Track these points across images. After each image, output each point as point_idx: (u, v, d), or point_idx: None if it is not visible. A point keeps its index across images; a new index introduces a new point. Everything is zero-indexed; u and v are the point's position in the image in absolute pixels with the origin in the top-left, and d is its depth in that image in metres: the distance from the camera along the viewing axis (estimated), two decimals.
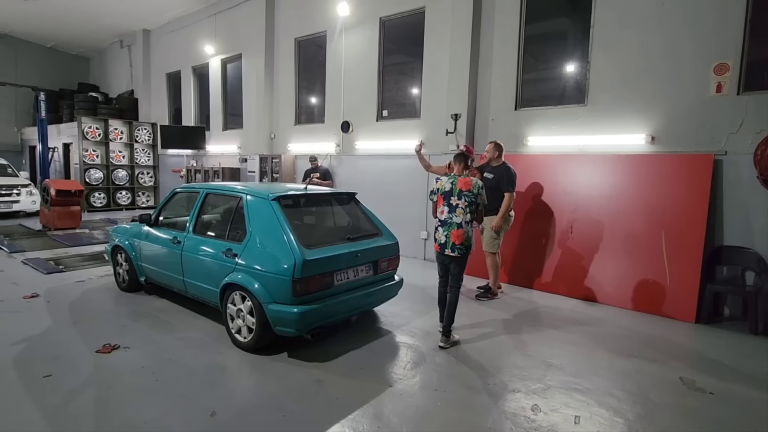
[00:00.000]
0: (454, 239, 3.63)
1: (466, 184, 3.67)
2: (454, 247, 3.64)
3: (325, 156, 8.42)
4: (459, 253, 3.64)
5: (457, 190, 3.67)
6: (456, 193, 3.67)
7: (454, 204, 3.67)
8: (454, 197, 3.67)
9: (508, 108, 6.17)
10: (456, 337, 3.80)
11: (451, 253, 3.66)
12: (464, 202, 3.64)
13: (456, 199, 3.66)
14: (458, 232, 3.62)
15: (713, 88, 4.60)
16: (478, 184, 3.70)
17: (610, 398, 2.92)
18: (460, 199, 3.65)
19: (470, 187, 3.66)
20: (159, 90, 13.10)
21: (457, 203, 3.65)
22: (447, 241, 3.66)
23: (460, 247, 3.63)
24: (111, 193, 12.14)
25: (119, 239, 4.89)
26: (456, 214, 3.65)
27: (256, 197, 3.68)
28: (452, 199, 3.67)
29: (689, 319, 4.42)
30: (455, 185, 3.69)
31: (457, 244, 3.62)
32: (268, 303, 3.22)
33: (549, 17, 6.17)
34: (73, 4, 11.35)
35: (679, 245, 4.60)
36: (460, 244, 3.62)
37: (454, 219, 3.66)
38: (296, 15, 8.96)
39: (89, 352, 3.35)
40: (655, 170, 4.84)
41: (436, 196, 3.82)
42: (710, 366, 3.47)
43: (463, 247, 3.64)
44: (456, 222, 3.64)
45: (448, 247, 3.66)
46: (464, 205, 3.64)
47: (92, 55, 16.43)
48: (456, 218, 3.65)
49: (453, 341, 3.73)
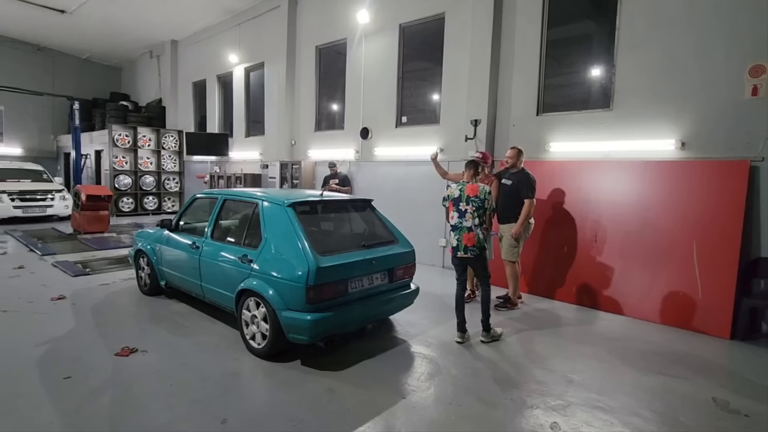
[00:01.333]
0: (465, 242, 3.85)
1: (473, 190, 3.88)
2: (467, 249, 3.85)
3: (344, 162, 8.45)
4: (472, 254, 3.85)
5: (465, 196, 3.88)
6: (464, 199, 3.88)
7: (463, 209, 3.88)
8: (463, 203, 3.88)
9: (530, 113, 6.04)
10: (498, 331, 4.00)
11: (464, 255, 3.88)
12: (472, 207, 3.84)
13: (464, 205, 3.87)
14: (469, 235, 3.84)
15: (749, 90, 4.37)
16: (485, 190, 3.89)
17: (635, 418, 2.76)
18: (468, 204, 3.86)
19: (477, 192, 3.86)
20: (185, 98, 13.50)
21: (465, 208, 3.87)
22: (459, 244, 3.89)
23: (472, 249, 3.84)
24: (138, 198, 12.52)
25: (142, 244, 5.00)
26: (465, 218, 3.86)
27: (272, 203, 3.69)
28: (461, 204, 3.89)
29: (723, 335, 4.18)
30: (463, 191, 3.91)
31: (470, 246, 3.84)
32: (282, 310, 3.21)
33: (572, 20, 6.02)
34: (108, 18, 11.84)
35: (713, 256, 4.36)
36: (472, 246, 3.84)
37: (464, 223, 3.87)
38: (317, 23, 9.07)
39: (109, 355, 3.41)
40: (686, 177, 4.62)
41: (447, 202, 4.05)
42: (746, 386, 3.25)
43: (475, 249, 3.84)
44: (466, 226, 3.86)
45: (461, 250, 3.88)
46: (472, 210, 3.84)
47: (123, 65, 17.10)
48: (466, 222, 3.86)
49: (494, 335, 3.94)
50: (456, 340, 3.90)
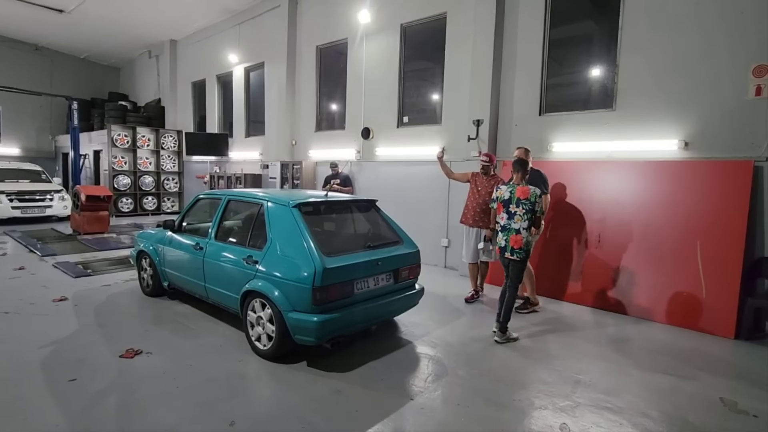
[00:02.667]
0: (512, 244, 3.92)
1: (524, 193, 3.94)
2: (513, 251, 3.92)
3: (346, 162, 8.43)
4: (518, 256, 3.92)
5: (515, 198, 3.95)
6: (514, 201, 3.94)
7: (512, 211, 3.95)
8: (513, 205, 3.95)
9: (532, 113, 6.03)
10: (514, 335, 3.99)
11: (510, 257, 3.94)
12: (522, 210, 3.91)
13: (514, 207, 3.95)
14: (517, 237, 3.91)
15: (752, 90, 4.38)
16: (536, 193, 3.94)
17: (644, 419, 2.76)
18: (518, 206, 3.93)
19: (528, 195, 3.93)
20: (185, 98, 13.45)
21: (515, 210, 3.94)
22: (507, 245, 3.96)
23: (519, 251, 3.91)
24: (138, 199, 12.48)
25: (144, 244, 4.97)
26: (514, 220, 3.93)
27: (277, 204, 3.67)
28: (511, 206, 3.96)
29: (728, 334, 4.18)
30: (513, 194, 3.97)
31: (516, 249, 3.91)
32: (288, 311, 3.19)
33: (574, 20, 6.02)
34: (106, 17, 11.78)
35: (716, 256, 4.36)
36: (519, 249, 3.90)
37: (512, 225, 3.95)
38: (318, 23, 9.05)
39: (113, 357, 3.39)
40: (689, 177, 4.62)
41: (496, 204, 4.10)
42: (753, 386, 3.25)
43: (522, 251, 3.91)
44: (514, 228, 3.93)
45: (508, 251, 3.95)
46: (522, 212, 3.91)
47: (122, 65, 17.02)
48: (514, 224, 3.93)
49: (509, 337, 3.94)
50: (495, 339, 3.94)
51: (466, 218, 5.16)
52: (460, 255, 5.47)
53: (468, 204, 5.18)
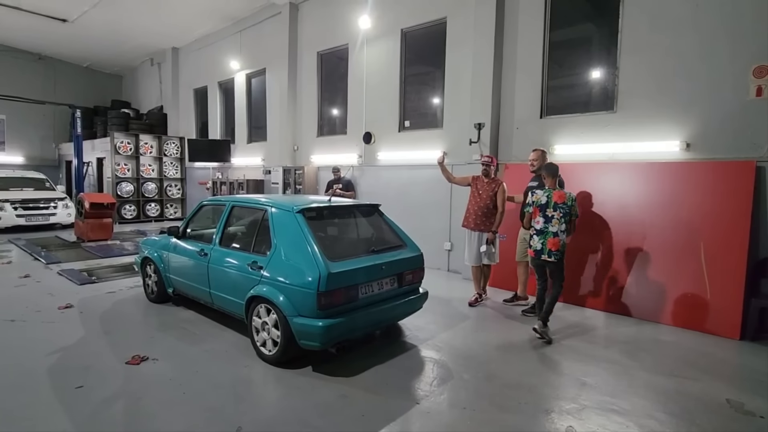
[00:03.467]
0: (550, 246, 4.06)
1: (560, 197, 4.09)
2: (551, 253, 4.06)
3: (348, 167, 8.46)
4: (555, 258, 4.07)
5: (552, 202, 4.08)
6: (551, 206, 4.07)
7: (549, 215, 4.08)
8: (550, 209, 4.08)
9: (534, 116, 6.05)
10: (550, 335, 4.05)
11: (548, 259, 4.09)
12: (559, 213, 4.06)
13: (551, 211, 4.07)
14: (554, 240, 4.06)
15: (753, 91, 4.39)
16: (572, 197, 4.12)
17: (650, 421, 2.75)
18: (555, 210, 4.07)
19: (564, 199, 4.08)
20: (187, 105, 13.53)
21: (552, 214, 4.07)
22: (543, 248, 4.09)
23: (556, 252, 4.05)
24: (141, 206, 12.53)
25: (148, 251, 5.00)
26: (552, 224, 4.07)
27: (281, 210, 3.70)
28: (548, 210, 4.08)
29: (733, 335, 4.17)
30: (551, 198, 4.09)
31: (554, 251, 4.05)
32: (293, 316, 3.20)
33: (574, 23, 6.06)
34: (108, 26, 11.89)
35: (720, 257, 4.36)
36: (556, 250, 4.05)
37: (549, 228, 4.08)
38: (318, 29, 9.12)
39: (119, 363, 3.41)
40: (692, 178, 4.63)
41: (532, 208, 4.19)
42: (759, 387, 3.24)
43: (558, 253, 4.07)
44: (552, 231, 4.07)
45: (545, 253, 4.08)
46: (559, 216, 4.06)
47: (124, 73, 17.15)
48: (552, 228, 4.07)
49: (545, 332, 4.02)
50: (534, 327, 4.08)
51: (467, 222, 5.17)
52: (462, 258, 5.48)
53: (469, 207, 5.19)
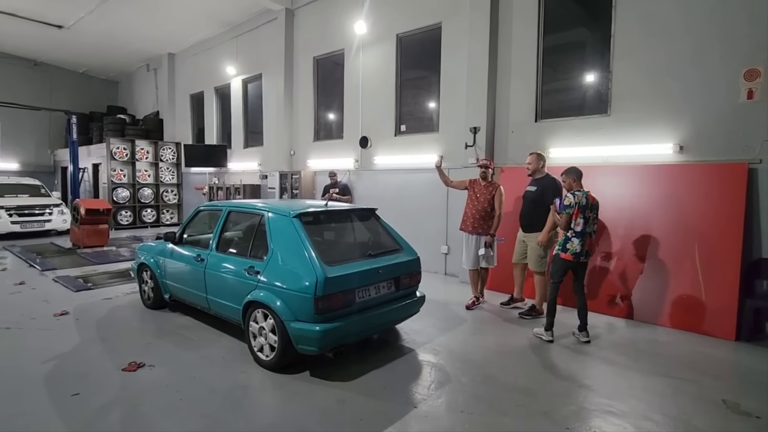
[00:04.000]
0: (587, 247, 4.11)
1: (593, 198, 4.16)
2: (588, 255, 4.14)
3: (345, 172, 8.48)
4: (587, 259, 4.17)
5: (590, 203, 4.10)
6: (589, 207, 4.09)
7: (587, 216, 4.08)
8: (588, 210, 4.09)
9: (528, 120, 6.10)
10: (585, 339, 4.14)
11: (585, 260, 4.13)
12: (593, 215, 4.13)
13: (589, 212, 4.10)
14: (590, 240, 4.14)
15: (744, 94, 4.44)
16: (597, 199, 4.22)
17: (647, 422, 2.76)
18: (591, 212, 4.10)
19: (595, 201, 4.18)
20: (183, 110, 13.53)
21: (590, 216, 4.10)
22: (582, 250, 4.07)
23: (588, 252, 4.15)
24: (137, 211, 12.49)
25: (145, 257, 4.98)
26: (589, 224, 4.10)
27: (278, 214, 3.70)
28: (587, 212, 4.08)
29: (729, 336, 4.20)
30: (588, 199, 4.10)
31: (589, 252, 4.15)
32: (291, 321, 3.20)
33: (567, 27, 6.12)
34: (104, 32, 11.91)
35: (715, 259, 4.39)
36: (588, 250, 4.14)
37: (587, 229, 4.09)
38: (314, 34, 9.16)
39: (116, 370, 3.39)
40: (685, 180, 4.67)
41: (573, 210, 4.10)
42: (755, 387, 3.27)
43: (589, 253, 4.20)
44: (588, 232, 4.10)
45: (583, 255, 4.09)
46: (593, 216, 4.13)
47: (120, 78, 17.15)
48: (588, 228, 4.10)
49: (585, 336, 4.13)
50: (582, 339, 4.12)
51: (465, 225, 5.19)
52: (460, 262, 5.49)
53: (467, 211, 5.21)
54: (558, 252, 4.16)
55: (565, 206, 4.07)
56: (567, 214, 4.06)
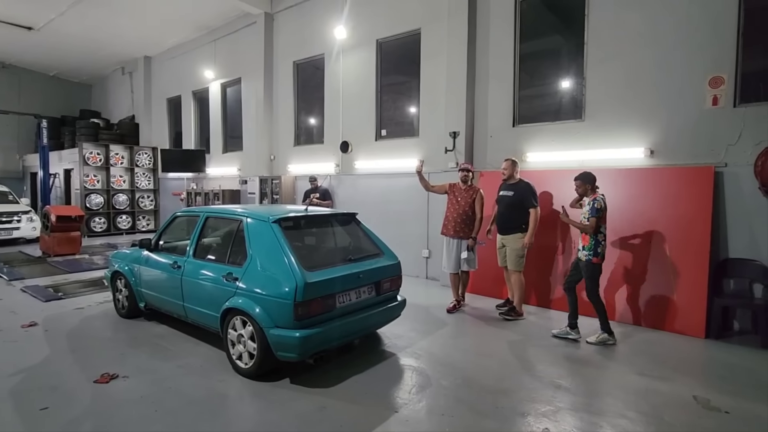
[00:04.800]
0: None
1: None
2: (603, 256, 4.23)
3: (325, 176, 8.45)
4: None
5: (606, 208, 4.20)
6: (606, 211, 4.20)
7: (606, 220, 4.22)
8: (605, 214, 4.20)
9: (506, 125, 6.21)
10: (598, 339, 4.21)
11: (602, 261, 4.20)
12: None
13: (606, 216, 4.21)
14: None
15: (709, 101, 4.64)
16: None
17: (622, 420, 2.83)
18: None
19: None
20: (160, 115, 13.26)
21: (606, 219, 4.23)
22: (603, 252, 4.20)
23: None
24: (111, 218, 12.14)
25: (119, 265, 4.85)
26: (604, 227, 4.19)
27: (257, 220, 3.66)
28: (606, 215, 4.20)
29: (699, 334, 4.34)
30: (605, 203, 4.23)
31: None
32: (270, 327, 3.16)
33: (542, 35, 6.27)
34: (77, 34, 11.59)
35: (684, 259, 4.55)
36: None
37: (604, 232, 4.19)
38: (294, 39, 9.13)
39: (87, 382, 3.27)
40: (656, 183, 4.83)
41: (603, 214, 4.15)
42: (724, 383, 3.38)
43: None
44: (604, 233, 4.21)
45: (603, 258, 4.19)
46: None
47: (94, 82, 16.69)
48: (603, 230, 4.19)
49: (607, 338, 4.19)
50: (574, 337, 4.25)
51: (447, 229, 5.23)
52: (441, 265, 5.52)
53: (448, 215, 5.25)
54: (590, 258, 4.13)
55: (597, 210, 4.09)
56: (597, 219, 4.09)
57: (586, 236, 4.18)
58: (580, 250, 4.25)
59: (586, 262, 4.18)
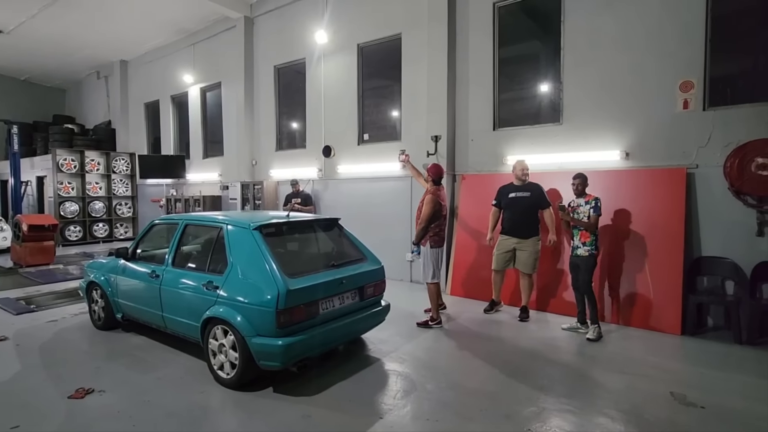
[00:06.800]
0: None
1: None
2: None
3: (308, 181, 8.40)
4: None
5: None
6: None
7: None
8: None
9: (487, 128, 6.28)
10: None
11: None
12: None
13: None
14: None
15: (680, 104, 4.79)
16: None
17: (603, 418, 2.88)
18: None
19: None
20: (137, 120, 12.98)
21: None
22: None
23: None
24: (87, 226, 11.80)
25: (94, 275, 4.71)
26: None
27: (237, 227, 3.61)
28: None
29: (675, 331, 4.46)
30: None
31: None
32: (252, 336, 3.11)
33: (521, 40, 6.37)
34: (49, 38, 11.25)
35: (660, 258, 4.67)
36: None
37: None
38: (275, 43, 9.07)
39: (61, 398, 3.16)
40: (632, 185, 4.95)
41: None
42: (699, 379, 3.48)
43: None
44: None
45: None
46: None
47: (68, 86, 16.23)
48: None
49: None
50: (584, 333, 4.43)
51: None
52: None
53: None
54: (593, 252, 4.39)
55: (599, 208, 4.41)
56: (597, 216, 4.38)
57: (587, 233, 4.38)
58: (580, 247, 4.42)
59: (588, 256, 4.39)
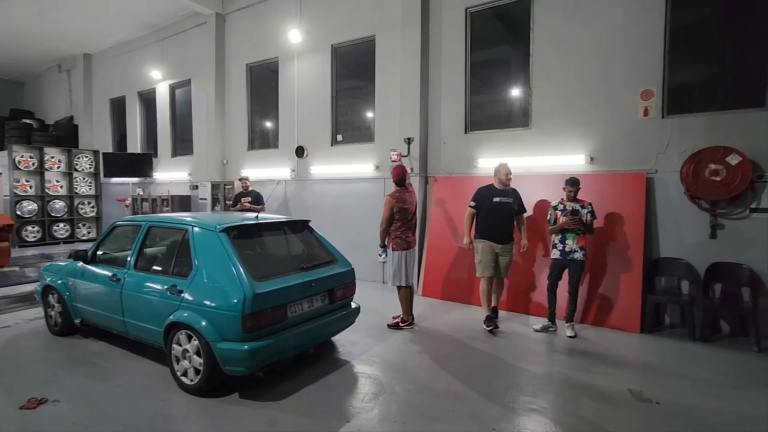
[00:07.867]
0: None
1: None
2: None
3: (280, 181, 8.29)
4: None
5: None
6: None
7: None
8: None
9: (459, 131, 6.37)
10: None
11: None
12: None
13: None
14: None
15: (641, 112, 4.99)
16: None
17: (566, 416, 2.96)
18: None
19: None
20: (102, 116, 12.48)
21: None
22: None
23: None
24: (47, 226, 11.24)
25: (51, 278, 4.50)
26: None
27: (203, 229, 3.52)
28: None
29: (634, 329, 4.64)
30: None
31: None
32: (217, 341, 3.04)
33: (492, 45, 6.49)
34: (5, 29, 10.67)
35: (621, 259, 4.85)
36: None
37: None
38: (247, 41, 8.90)
39: (12, 409, 3.01)
40: (596, 188, 5.12)
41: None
42: (655, 375, 3.63)
43: None
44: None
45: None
46: None
47: (27, 79, 15.44)
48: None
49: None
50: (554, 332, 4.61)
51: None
52: None
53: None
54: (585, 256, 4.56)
55: (594, 212, 4.59)
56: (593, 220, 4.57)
57: (584, 238, 4.54)
58: (577, 251, 4.52)
59: (584, 261, 4.54)
